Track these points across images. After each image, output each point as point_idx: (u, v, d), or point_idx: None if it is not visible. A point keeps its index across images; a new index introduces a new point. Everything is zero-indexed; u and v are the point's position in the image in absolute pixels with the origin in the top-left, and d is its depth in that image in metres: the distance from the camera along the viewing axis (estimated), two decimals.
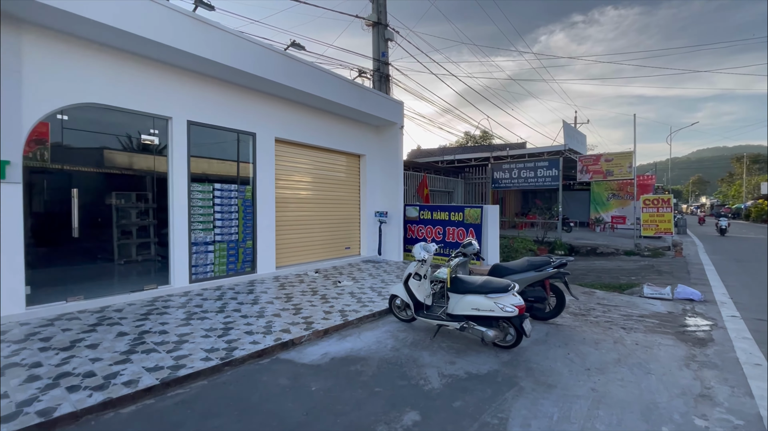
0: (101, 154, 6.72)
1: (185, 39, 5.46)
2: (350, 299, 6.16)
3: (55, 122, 5.04)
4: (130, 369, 3.55)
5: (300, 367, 3.93)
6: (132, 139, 6.08)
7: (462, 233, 9.14)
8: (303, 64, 7.27)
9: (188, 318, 5.01)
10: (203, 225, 6.58)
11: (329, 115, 8.83)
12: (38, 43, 4.73)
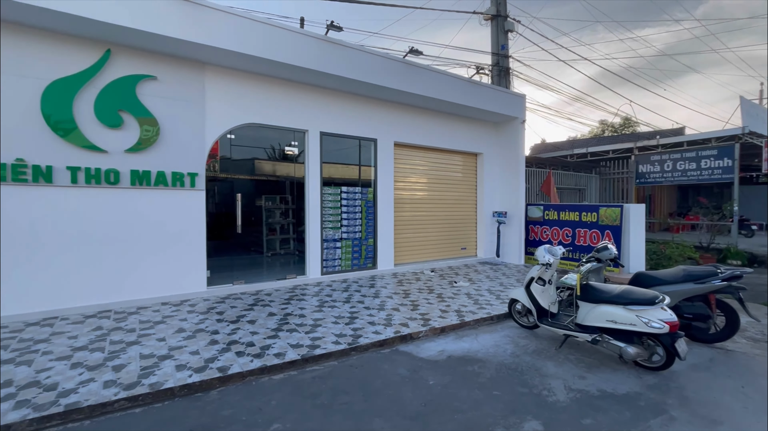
0: (255, 164, 8.12)
1: (319, 60, 6.20)
2: (466, 300, 6.10)
3: (225, 140, 6.29)
4: (278, 344, 4.23)
5: (418, 361, 4.09)
6: (277, 151, 7.22)
7: (596, 236, 8.12)
8: (420, 68, 7.50)
9: (321, 305, 5.68)
10: (332, 224, 7.37)
11: (446, 115, 8.88)
12: (214, 78, 6.00)
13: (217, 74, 6.00)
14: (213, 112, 5.97)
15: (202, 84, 5.85)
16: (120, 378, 3.40)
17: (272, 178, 9.13)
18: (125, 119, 5.25)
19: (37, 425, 2.83)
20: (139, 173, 5.33)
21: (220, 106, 6.02)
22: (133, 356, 3.85)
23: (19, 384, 3.26)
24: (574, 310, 4.29)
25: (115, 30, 4.78)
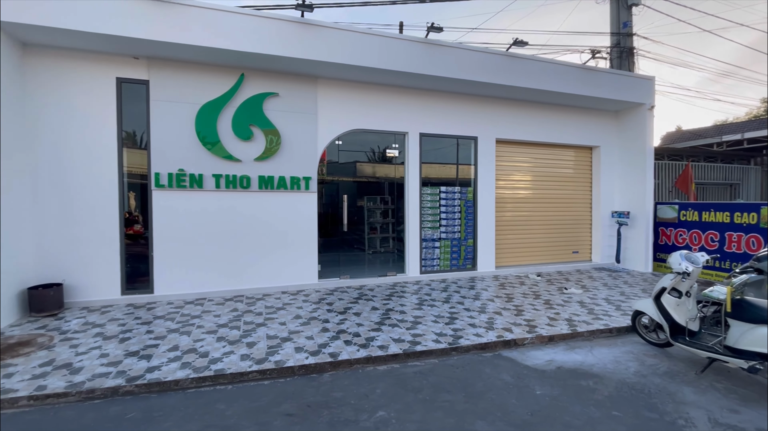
0: (357, 166, 8.63)
1: (421, 63, 6.34)
2: (579, 308, 5.56)
3: (332, 146, 6.84)
4: (382, 337, 4.45)
5: (523, 368, 3.89)
6: (379, 153, 7.56)
7: (755, 242, 6.61)
8: (525, 59, 7.08)
9: (420, 303, 5.79)
10: (431, 224, 7.43)
11: (555, 107, 8.21)
12: (325, 90, 6.59)
13: (328, 86, 6.58)
14: (324, 121, 6.56)
15: (315, 96, 6.47)
16: (252, 354, 3.98)
17: (373, 179, 9.61)
18: (254, 132, 6.12)
19: (196, 384, 3.50)
20: (265, 178, 6.17)
21: (330, 115, 6.59)
22: (261, 336, 4.47)
23: (183, 350, 4.07)
24: (722, 330, 3.59)
25: (247, 56, 5.61)
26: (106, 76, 5.49)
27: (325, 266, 6.84)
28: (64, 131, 5.36)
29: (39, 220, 5.30)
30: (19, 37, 4.98)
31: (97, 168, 5.50)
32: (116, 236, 5.59)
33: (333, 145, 6.82)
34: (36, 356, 3.87)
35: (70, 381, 3.39)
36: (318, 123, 6.52)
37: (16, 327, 4.68)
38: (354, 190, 9.03)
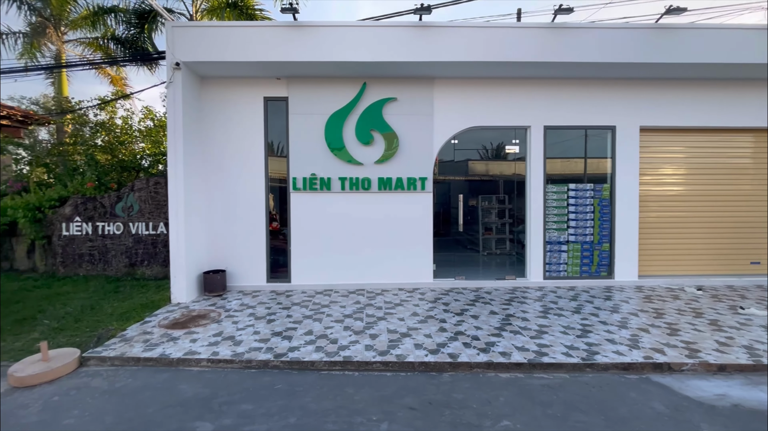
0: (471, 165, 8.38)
1: (544, 50, 5.84)
2: (762, 334, 4.40)
3: (447, 146, 6.79)
4: (503, 343, 4.24)
5: (681, 399, 3.25)
6: (495, 150, 7.22)
7: None
8: (679, 29, 5.90)
9: (545, 311, 5.33)
10: (557, 225, 6.78)
11: (721, 83, 6.66)
12: (441, 90, 6.59)
13: (444, 86, 6.57)
14: (440, 121, 6.57)
15: (431, 97, 6.54)
16: (375, 345, 4.22)
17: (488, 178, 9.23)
18: (375, 136, 6.49)
19: (328, 367, 3.88)
20: (384, 179, 6.49)
21: (446, 114, 6.57)
22: (382, 329, 4.71)
23: (316, 335, 4.55)
24: None
25: (369, 66, 5.98)
26: (256, 96, 6.49)
27: (439, 266, 6.84)
28: (226, 144, 6.54)
29: (209, 217, 6.57)
30: (197, 72, 6.25)
31: (249, 173, 6.55)
32: (263, 232, 6.58)
33: (447, 144, 6.78)
34: (210, 328, 4.80)
35: (234, 351, 4.10)
36: (434, 123, 6.56)
37: (196, 303, 5.88)
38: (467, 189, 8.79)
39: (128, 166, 9.43)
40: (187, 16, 11.32)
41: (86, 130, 10.93)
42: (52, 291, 6.42)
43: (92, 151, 9.43)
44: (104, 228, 7.47)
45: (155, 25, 12.03)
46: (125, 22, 12.15)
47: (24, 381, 3.57)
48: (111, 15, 12.28)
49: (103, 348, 4.17)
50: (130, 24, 12.13)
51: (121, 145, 9.93)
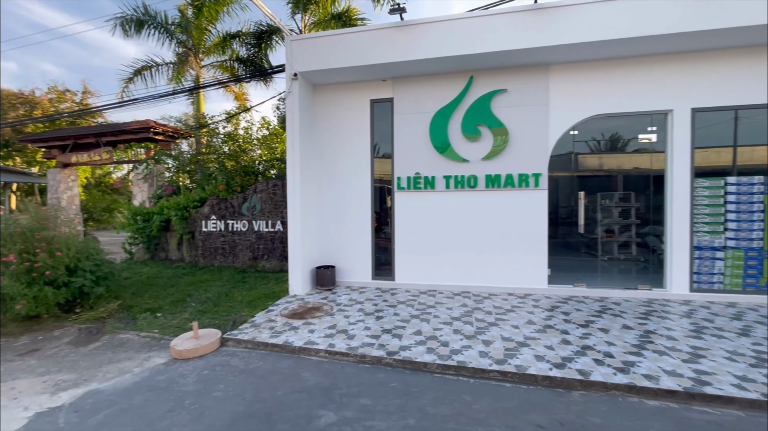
0: (590, 159, 7.46)
1: (690, 17, 4.88)
2: None
3: (564, 138, 6.12)
4: (645, 364, 3.62)
5: None
6: (621, 141, 6.29)
7: None
8: None
9: (697, 331, 4.44)
10: (709, 227, 5.63)
11: None
12: (558, 77, 5.98)
13: (562, 72, 5.95)
14: (556, 112, 5.97)
15: (546, 86, 5.98)
16: (490, 352, 3.97)
17: (607, 172, 8.14)
18: (482, 132, 6.18)
19: (441, 370, 3.76)
20: (491, 177, 6.14)
21: (563, 103, 5.95)
22: (495, 335, 4.42)
23: (425, 335, 4.47)
24: None
25: (477, 58, 5.71)
26: (363, 99, 6.71)
27: (554, 271, 6.22)
28: (336, 147, 6.88)
29: (320, 216, 7.00)
30: (311, 80, 6.70)
31: (356, 175, 6.80)
32: (369, 231, 6.77)
33: (565, 137, 6.12)
34: (324, 320, 5.07)
35: (349, 344, 4.24)
36: (550, 114, 5.99)
37: (310, 296, 6.30)
38: (584, 185, 7.90)
39: (249, 170, 10.64)
40: (297, 32, 12.33)
41: (217, 141, 12.67)
42: (196, 279, 7.52)
43: (222, 159, 10.86)
44: (233, 226, 8.52)
45: (270, 44, 13.41)
46: (246, 44, 13.81)
47: (182, 354, 4.19)
48: (236, 39, 14.06)
49: (238, 332, 4.68)
50: (250, 45, 13.74)
51: (243, 152, 11.25)
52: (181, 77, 14.13)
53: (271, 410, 3.16)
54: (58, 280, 5.23)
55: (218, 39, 14.16)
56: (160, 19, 13.08)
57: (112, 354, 4.34)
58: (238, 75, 14.80)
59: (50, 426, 2.99)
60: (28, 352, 4.43)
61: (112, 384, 3.64)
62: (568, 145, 6.28)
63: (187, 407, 3.22)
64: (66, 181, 15.81)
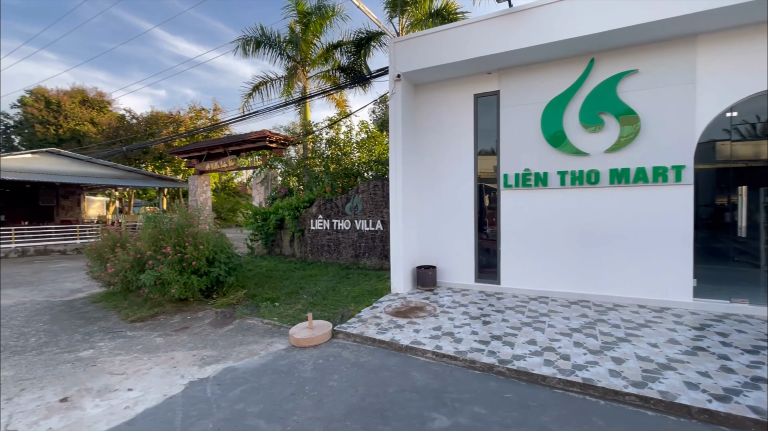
0: (754, 146, 6.02)
1: None
2: None
3: (721, 121, 5.05)
4: None
5: None
6: None
7: None
8: None
9: None
10: None
11: None
12: (708, 49, 4.96)
13: (713, 43, 4.93)
14: (706, 91, 4.97)
15: (692, 61, 5.02)
16: (623, 372, 3.44)
17: None
18: (605, 120, 5.46)
19: (563, 386, 3.38)
20: (617, 171, 5.38)
21: (717, 80, 4.92)
22: (627, 353, 3.83)
23: (540, 346, 4.09)
24: None
25: (599, 38, 5.05)
26: (466, 95, 6.48)
27: (705, 282, 5.18)
28: (437, 146, 6.78)
29: (420, 216, 6.97)
30: (413, 80, 6.71)
31: (458, 173, 6.60)
32: (472, 231, 6.51)
33: (717, 121, 5.05)
34: (429, 321, 5.00)
35: (456, 348, 4.10)
36: (697, 94, 5.00)
37: (412, 295, 6.31)
38: (744, 179, 6.45)
39: (349, 172, 11.19)
40: (394, 34, 12.58)
41: (321, 146, 13.63)
42: (306, 273, 8.14)
43: (326, 162, 11.63)
44: (337, 225, 9.03)
45: (368, 50, 13.93)
46: (347, 53, 14.58)
47: (299, 342, 4.52)
48: (337, 49, 14.96)
49: (347, 325, 4.89)
50: (350, 53, 14.47)
51: (344, 155, 11.88)
52: (290, 90, 15.55)
53: (383, 406, 3.20)
54: (201, 270, 6.12)
55: (322, 51, 15.23)
56: (273, 37, 14.56)
57: (242, 337, 4.89)
58: (339, 83, 15.73)
59: (200, 394, 3.46)
60: (180, 329, 5.26)
61: (244, 364, 4.09)
62: (717, 131, 5.17)
63: (308, 393, 3.43)
64: (201, 186, 18.62)
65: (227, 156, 17.40)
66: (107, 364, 4.10)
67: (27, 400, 3.36)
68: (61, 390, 3.54)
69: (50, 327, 5.39)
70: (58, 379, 3.76)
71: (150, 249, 5.90)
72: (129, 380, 3.72)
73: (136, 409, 3.20)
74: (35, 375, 3.86)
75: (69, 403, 3.30)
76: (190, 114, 28.98)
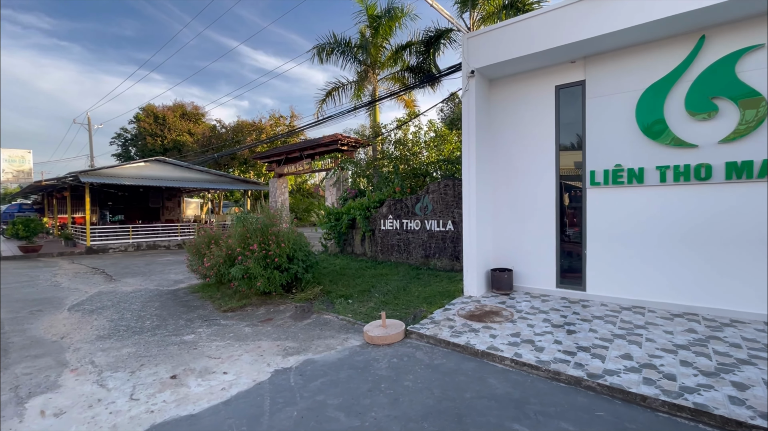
0: None
1: None
2: None
3: None
4: None
5: None
6: None
7: None
8: None
9: None
10: None
11: None
12: None
13: None
14: None
15: None
16: (747, 400, 2.93)
17: None
18: (720, 106, 4.71)
19: (668, 409, 2.97)
20: (736, 165, 4.60)
21: None
22: (752, 378, 3.26)
23: (638, 362, 3.65)
24: None
25: (715, 10, 4.37)
26: (546, 87, 6.07)
27: None
28: (513, 143, 6.45)
29: (495, 216, 6.68)
30: (487, 75, 6.47)
31: (537, 170, 6.21)
32: (552, 233, 6.07)
33: None
34: (505, 326, 4.77)
35: (538, 357, 3.84)
36: None
37: (486, 298, 6.08)
38: None
39: (417, 172, 11.16)
40: (465, 30, 12.26)
41: (389, 147, 13.81)
42: (376, 272, 8.29)
43: (395, 163, 11.74)
44: (407, 225, 9.05)
45: (437, 48, 13.76)
46: (416, 52, 14.57)
47: (373, 340, 4.60)
48: (406, 50, 15.03)
49: (420, 326, 4.86)
50: (419, 53, 14.44)
51: (413, 155, 11.88)
52: (360, 93, 16.00)
53: (461, 411, 3.11)
54: (282, 266, 6.55)
55: (391, 53, 15.42)
56: (344, 43, 15.10)
57: (320, 331, 5.13)
58: (407, 84, 15.80)
59: (284, 382, 3.69)
60: (265, 320, 5.68)
61: (323, 357, 4.27)
62: None
63: (384, 390, 3.47)
64: (280, 188, 19.98)
65: (303, 159, 18.49)
66: (206, 348, 4.57)
67: (146, 374, 3.88)
68: (171, 368, 4.03)
69: (160, 313, 6.18)
70: (168, 358, 4.28)
71: (239, 246, 6.47)
72: (224, 364, 4.10)
73: (231, 391, 3.52)
74: (150, 353, 4.45)
75: (177, 380, 3.74)
76: (270, 121, 31.36)
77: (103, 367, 4.07)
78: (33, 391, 3.57)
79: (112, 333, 5.20)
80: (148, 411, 3.19)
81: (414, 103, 17.72)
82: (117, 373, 3.92)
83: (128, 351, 4.51)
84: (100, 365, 4.13)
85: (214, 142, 30.28)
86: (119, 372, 3.95)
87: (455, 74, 11.84)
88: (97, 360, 4.27)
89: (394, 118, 14.33)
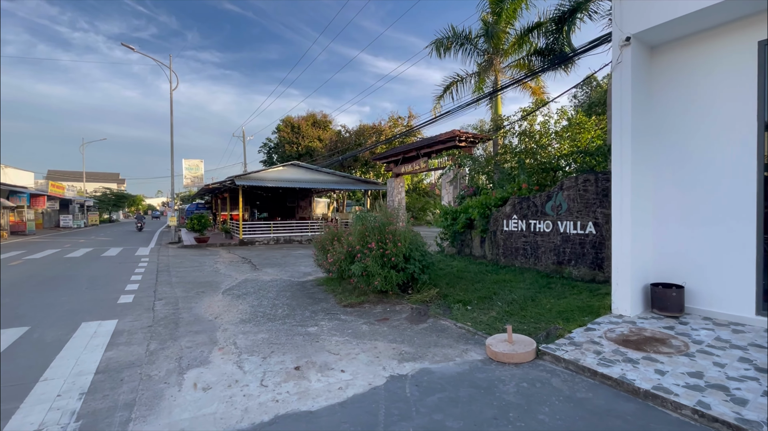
0: None
1: None
2: None
3: None
4: None
5: None
6: None
7: None
8: None
9: None
10: None
11: None
12: None
13: None
14: None
15: None
16: None
17: None
18: None
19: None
20: None
21: None
22: None
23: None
24: None
25: None
26: (742, 45, 4.52)
27: None
28: (685, 125, 5.02)
29: (658, 218, 5.32)
30: (647, 41, 5.18)
31: (722, 157, 4.69)
32: (751, 241, 4.50)
33: None
34: (678, 361, 3.65)
35: (738, 413, 2.76)
36: None
37: (644, 320, 4.87)
38: None
39: (546, 167, 9.84)
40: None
41: (514, 140, 12.62)
42: (498, 278, 7.55)
43: (522, 157, 10.62)
44: (535, 226, 8.03)
45: (573, 24, 12.01)
46: (545, 32, 13.02)
47: (497, 356, 4.05)
48: (533, 32, 13.58)
49: (555, 347, 4.10)
50: (549, 33, 12.85)
51: (541, 148, 10.56)
52: (482, 85, 15.13)
53: None
54: (398, 265, 6.43)
55: (516, 38, 14.16)
56: (464, 35, 14.45)
57: (437, 338, 4.79)
58: (534, 69, 14.29)
59: (400, 391, 3.46)
60: (382, 319, 5.62)
61: (440, 368, 3.92)
62: None
63: (513, 421, 2.93)
64: (397, 187, 20.38)
65: (419, 158, 18.48)
66: (326, 343, 4.69)
67: (274, 362, 4.13)
68: (296, 358, 4.21)
69: (290, 302, 6.71)
70: (293, 348, 4.51)
71: (359, 243, 6.59)
72: (342, 361, 4.10)
73: (347, 392, 3.44)
74: (279, 341, 4.76)
75: (300, 372, 3.86)
76: (389, 123, 32.52)
77: (243, 349, 4.49)
78: (191, 364, 4.12)
79: (251, 317, 5.81)
80: (274, 400, 3.31)
81: (542, 90, 15.96)
82: (252, 357, 4.27)
83: (262, 337, 4.92)
84: (240, 347, 4.58)
85: (339, 146, 32.88)
86: (254, 356, 4.29)
87: (596, 50, 10.12)
88: (238, 341, 4.76)
89: (518, 109, 13.07)
